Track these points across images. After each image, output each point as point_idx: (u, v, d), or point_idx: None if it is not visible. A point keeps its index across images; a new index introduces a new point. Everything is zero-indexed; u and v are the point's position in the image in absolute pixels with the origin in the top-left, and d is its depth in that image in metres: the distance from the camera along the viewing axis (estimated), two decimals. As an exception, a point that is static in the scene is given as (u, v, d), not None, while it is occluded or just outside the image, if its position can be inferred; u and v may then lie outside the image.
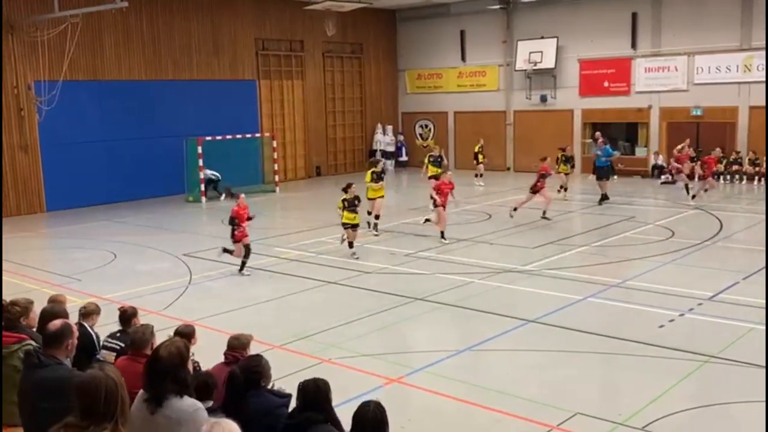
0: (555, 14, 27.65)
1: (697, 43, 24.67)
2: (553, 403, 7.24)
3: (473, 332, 9.61)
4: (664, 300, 10.71)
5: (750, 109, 24.25)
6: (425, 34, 31.42)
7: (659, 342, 8.92)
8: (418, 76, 32.24)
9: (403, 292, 11.50)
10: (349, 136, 31.21)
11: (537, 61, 27.87)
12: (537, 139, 28.97)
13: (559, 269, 12.88)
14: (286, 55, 28.20)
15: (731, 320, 9.65)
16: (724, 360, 8.30)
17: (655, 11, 25.60)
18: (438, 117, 32.07)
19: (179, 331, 6.05)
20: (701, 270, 12.67)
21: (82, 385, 3.37)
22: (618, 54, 26.50)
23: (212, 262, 14.12)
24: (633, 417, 6.90)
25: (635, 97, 26.43)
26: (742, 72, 24.09)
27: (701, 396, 7.47)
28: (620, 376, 8.27)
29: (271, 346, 8.62)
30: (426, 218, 16.34)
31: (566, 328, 9.64)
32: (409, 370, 8.25)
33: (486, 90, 30.21)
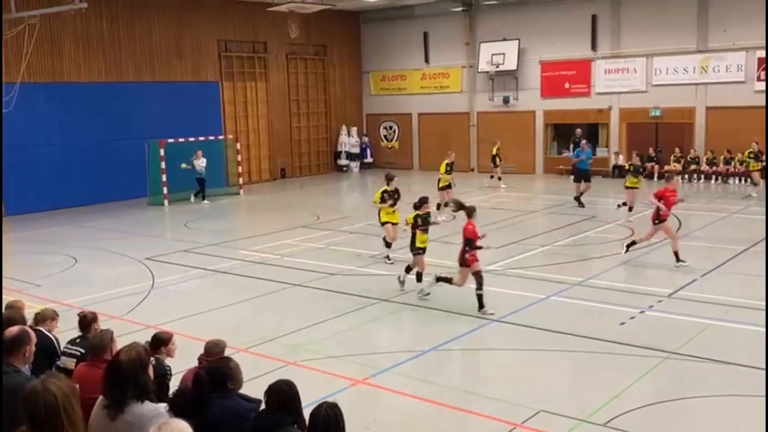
0: (517, 16, 27.94)
1: (656, 44, 25.16)
2: (517, 401, 7.32)
3: (438, 332, 9.66)
4: (625, 298, 10.90)
5: (707, 110, 24.80)
6: (389, 36, 31.51)
7: (621, 339, 9.07)
8: (383, 77, 32.31)
9: (368, 294, 11.51)
10: (314, 137, 31.13)
11: (499, 62, 28.14)
12: (500, 139, 29.24)
13: (523, 269, 13.01)
14: (249, 56, 28.03)
15: (690, 317, 9.85)
16: (683, 356, 8.47)
17: (614, 13, 26.03)
18: (402, 118, 32.17)
19: (156, 336, 5.98)
20: (661, 268, 12.91)
21: (24, 397, 3.32)
22: (578, 56, 26.89)
23: (175, 265, 13.96)
24: (596, 413, 7.00)
25: (595, 98, 26.84)
26: (699, 73, 24.63)
27: (662, 392, 7.60)
28: (583, 374, 8.38)
29: (237, 350, 8.55)
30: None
31: (530, 327, 9.75)
32: (375, 371, 8.26)
33: (449, 91, 30.40)
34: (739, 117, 23.91)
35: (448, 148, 30.61)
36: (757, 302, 10.37)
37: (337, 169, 31.78)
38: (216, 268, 13.74)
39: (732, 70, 23.98)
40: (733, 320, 9.65)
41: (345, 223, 18.34)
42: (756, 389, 7.55)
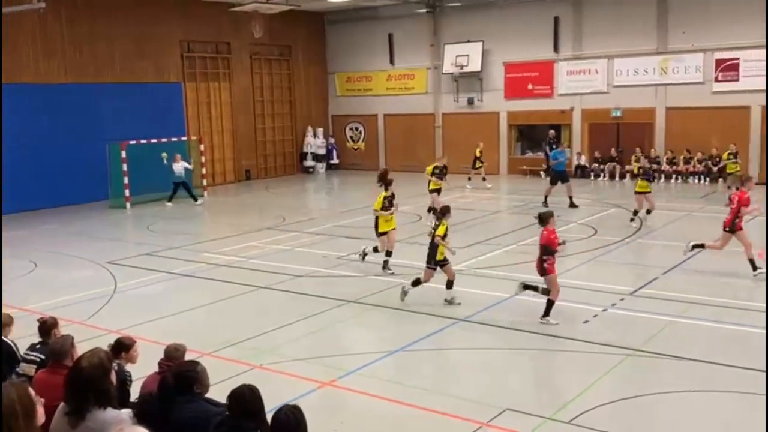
0: (480, 18, 28.15)
1: (616, 46, 25.55)
2: (484, 400, 7.37)
3: (405, 333, 9.68)
4: (588, 296, 11.04)
5: (667, 110, 25.27)
6: (354, 37, 31.49)
7: (584, 337, 9.19)
8: (348, 78, 32.28)
9: (335, 295, 11.49)
10: (279, 138, 30.97)
11: (464, 64, 28.31)
12: (465, 141, 29.43)
13: (488, 268, 13.10)
14: (212, 57, 27.78)
15: (652, 314, 10.02)
16: (646, 353, 8.61)
17: (576, 16, 26.38)
18: (368, 119, 32.19)
19: (119, 342, 5.88)
20: (623, 266, 13.12)
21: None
22: (541, 57, 27.18)
23: (138, 269, 13.76)
24: (560, 411, 7.08)
25: (558, 99, 27.16)
26: (659, 74, 25.08)
27: (625, 388, 7.72)
28: (548, 372, 8.48)
29: (201, 354, 8.46)
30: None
31: (496, 326, 9.82)
32: (342, 373, 8.25)
33: (415, 93, 30.50)
34: (698, 117, 24.43)
35: (414, 149, 30.98)
36: (716, 299, 10.60)
37: (303, 171, 31.66)
38: (180, 271, 13.58)
39: (691, 71, 24.47)
40: (694, 317, 9.84)
41: (311, 225, 18.28)
42: (715, 384, 7.71)
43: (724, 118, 23.96)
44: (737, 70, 23.69)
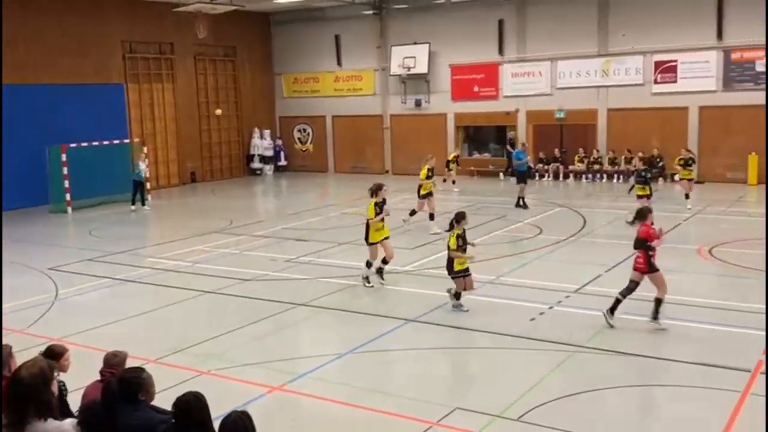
0: (427, 20, 28.34)
1: (559, 49, 26.05)
2: (434, 400, 7.41)
3: (355, 335, 9.66)
4: (534, 294, 11.21)
5: (608, 111, 25.88)
6: (300, 38, 31.34)
7: (531, 335, 9.33)
8: (295, 79, 32.11)
9: (284, 299, 11.40)
10: (225, 140, 30.60)
11: (411, 66, 28.46)
12: (413, 142, 29.63)
13: (437, 268, 13.16)
14: (155, 57, 27.29)
15: (596, 311, 10.22)
16: (591, 349, 8.79)
17: (519, 18, 26.79)
18: (316, 121, 32.07)
19: (50, 349, 5.68)
20: (568, 264, 13.37)
21: None
22: (486, 60, 27.52)
23: (80, 275, 13.40)
24: (509, 408, 7.17)
25: (503, 101, 27.54)
26: (601, 76, 25.66)
27: (571, 384, 7.85)
28: (497, 370, 8.57)
29: (146, 361, 8.29)
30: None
31: (445, 326, 9.89)
32: (292, 377, 8.19)
33: (363, 94, 30.52)
34: (639, 118, 25.10)
35: (362, 151, 31.03)
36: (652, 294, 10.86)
37: (251, 173, 31.35)
38: (124, 276, 13.28)
39: (631, 73, 25.12)
40: (636, 313, 10.07)
41: (259, 228, 18.10)
42: (659, 379, 7.92)
43: (664, 119, 24.69)
44: (675, 72, 24.41)
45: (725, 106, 23.76)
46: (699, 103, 24.19)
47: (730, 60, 23.59)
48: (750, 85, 23.39)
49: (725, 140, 23.74)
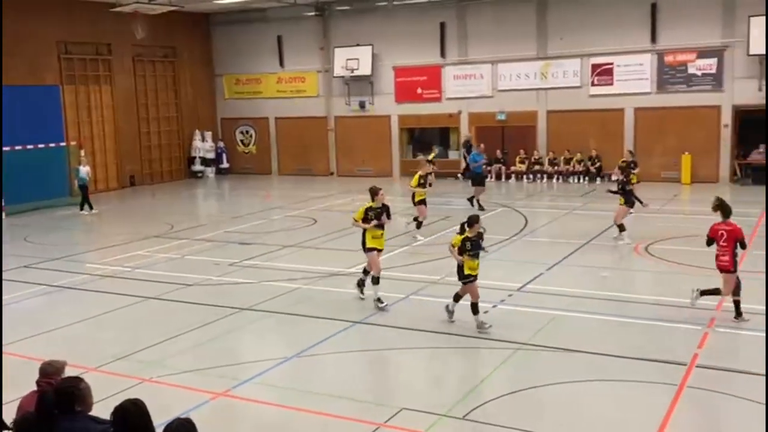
0: (369, 22, 28.40)
1: (499, 52, 26.44)
2: (380, 401, 7.43)
3: (301, 338, 9.61)
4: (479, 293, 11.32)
5: (548, 113, 26.39)
6: (242, 39, 31.00)
7: (476, 333, 9.44)
8: (236, 81, 31.75)
9: (228, 303, 11.25)
10: (165, 143, 30.03)
11: (354, 68, 28.47)
12: (358, 144, 29.70)
13: (384, 269, 13.20)
14: (92, 58, 26.61)
15: (537, 308, 10.43)
16: (533, 346, 8.95)
17: (460, 21, 27.09)
18: (259, 123, 31.78)
19: None
20: (511, 263, 13.58)
21: None
22: (429, 62, 27.73)
23: (15, 282, 12.94)
24: (455, 407, 7.24)
25: (446, 103, 27.80)
26: (540, 79, 26.16)
27: (515, 381, 7.98)
28: (442, 369, 8.65)
29: (86, 369, 8.07)
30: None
31: (391, 327, 9.93)
32: (236, 383, 8.09)
33: (306, 96, 30.38)
34: (577, 120, 25.68)
35: (307, 153, 30.85)
36: (597, 292, 11.16)
37: (192, 176, 30.84)
38: (61, 283, 12.90)
39: (569, 75, 25.68)
40: (577, 310, 10.31)
41: (201, 232, 17.83)
42: (600, 374, 8.11)
43: (601, 120, 25.33)
44: (612, 74, 25.06)
45: (659, 108, 24.53)
46: (634, 105, 24.91)
47: (663, 63, 24.36)
48: (683, 87, 24.19)
49: (660, 141, 24.49)
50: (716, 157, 24.14)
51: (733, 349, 8.68)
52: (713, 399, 7.32)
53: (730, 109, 23.81)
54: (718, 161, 24.18)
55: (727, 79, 23.58)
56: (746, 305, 9.97)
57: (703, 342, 8.80)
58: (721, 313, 9.95)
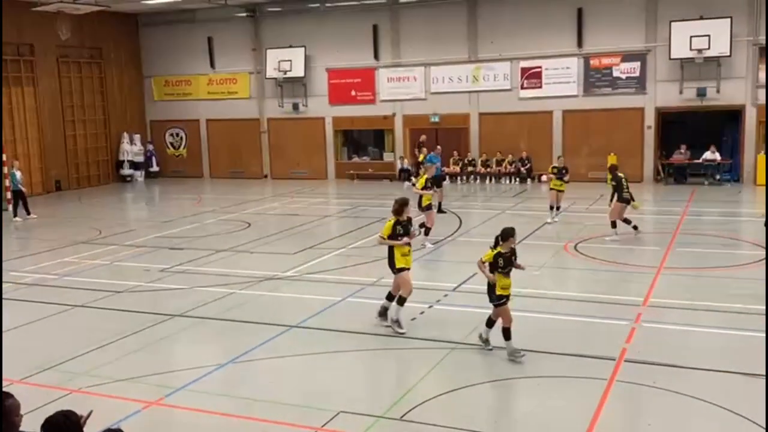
0: (302, 24, 28.28)
1: (432, 54, 26.74)
2: (318, 405, 7.39)
3: (236, 344, 9.48)
4: (414, 294, 11.33)
5: (480, 116, 26.82)
6: (171, 40, 30.41)
7: (412, 334, 9.50)
8: (166, 82, 31.11)
9: (160, 310, 11.00)
10: (92, 146, 29.19)
11: (287, 69, 28.30)
12: (292, 146, 29.53)
13: (320, 273, 13.18)
14: (13, 59, 25.63)
15: (472, 308, 10.55)
16: (468, 345, 9.06)
17: (393, 24, 27.27)
18: (190, 125, 31.23)
19: None
20: (446, 263, 13.74)
21: None
22: (363, 64, 27.81)
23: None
24: (392, 408, 7.27)
25: (380, 105, 27.94)
26: (472, 82, 26.57)
27: (450, 381, 8.07)
28: (379, 371, 8.67)
29: (11, 382, 7.77)
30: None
31: (328, 330, 9.89)
32: (170, 391, 7.91)
33: (238, 97, 30.03)
34: (508, 122, 26.21)
35: (239, 155, 30.47)
36: (529, 290, 11.38)
37: (120, 180, 30.07)
38: (-18, 293, 12.35)
39: (500, 78, 26.17)
40: (511, 308, 10.48)
41: (130, 237, 17.38)
42: (533, 371, 8.27)
43: (531, 123, 25.92)
44: (540, 77, 25.66)
45: (586, 110, 25.26)
46: (562, 107, 25.58)
47: (589, 66, 25.09)
48: (608, 90, 24.98)
49: (586, 142, 25.23)
50: (640, 157, 25.03)
51: (658, 343, 8.99)
52: (641, 392, 7.57)
53: (653, 111, 24.71)
54: (642, 161, 25.08)
55: (650, 82, 24.47)
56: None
57: (631, 337, 9.09)
58: (647, 309, 10.30)
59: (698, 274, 12.35)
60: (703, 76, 23.61)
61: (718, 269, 12.58)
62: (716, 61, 23.20)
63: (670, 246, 14.42)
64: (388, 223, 9.83)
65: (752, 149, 23.72)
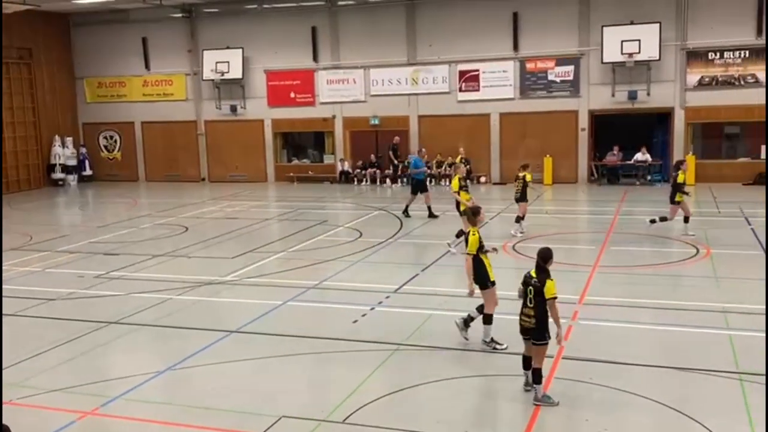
0: (239, 25, 27.96)
1: (371, 57, 26.81)
2: (259, 411, 7.31)
3: (174, 351, 9.29)
4: (356, 296, 11.44)
5: (419, 118, 27.01)
6: (104, 41, 29.64)
7: (355, 336, 9.51)
8: (99, 84, 30.32)
9: (95, 318, 10.70)
10: (22, 149, 28.20)
11: (224, 71, 27.94)
12: (230, 149, 29.16)
13: (260, 276, 13.05)
14: (-65, 59, 24.58)
15: (414, 309, 10.64)
16: (411, 346, 9.12)
17: (332, 26, 27.23)
18: (124, 127, 30.50)
19: None
20: (387, 265, 13.78)
21: None
22: (302, 66, 27.68)
23: None
24: (335, 412, 7.25)
25: (320, 107, 27.85)
26: (411, 84, 26.75)
27: (394, 382, 8.09)
28: (322, 374, 8.63)
29: (-66, 397, 7.43)
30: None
31: (269, 334, 9.80)
32: (106, 400, 7.71)
33: (174, 99, 29.49)
34: (447, 124, 26.47)
35: (175, 158, 29.93)
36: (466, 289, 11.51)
37: (52, 184, 29.14)
38: None
39: (438, 81, 26.43)
40: (451, 309, 10.60)
41: (63, 243, 16.85)
42: (475, 369, 8.37)
43: (469, 125, 26.26)
44: (478, 80, 26.02)
45: (522, 113, 25.73)
46: (499, 110, 26.00)
47: (525, 69, 25.57)
48: (543, 93, 25.50)
49: (523, 144, 25.69)
50: (575, 159, 25.64)
51: (595, 340, 9.22)
52: (579, 388, 7.74)
53: (587, 113, 25.35)
54: (577, 163, 25.69)
55: (584, 86, 25.09)
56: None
57: (568, 334, 9.30)
58: (583, 307, 10.55)
59: (631, 272, 12.73)
60: (634, 80, 24.35)
61: (650, 267, 12.99)
62: (646, 64, 23.96)
63: (605, 245, 14.82)
64: (473, 239, 9.03)
65: (681, 150, 24.58)
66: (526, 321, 7.39)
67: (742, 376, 7.75)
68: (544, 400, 7.25)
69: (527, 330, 7.39)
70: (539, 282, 7.26)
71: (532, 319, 7.30)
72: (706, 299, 10.74)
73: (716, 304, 10.45)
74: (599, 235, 16.01)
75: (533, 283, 7.30)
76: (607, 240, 15.38)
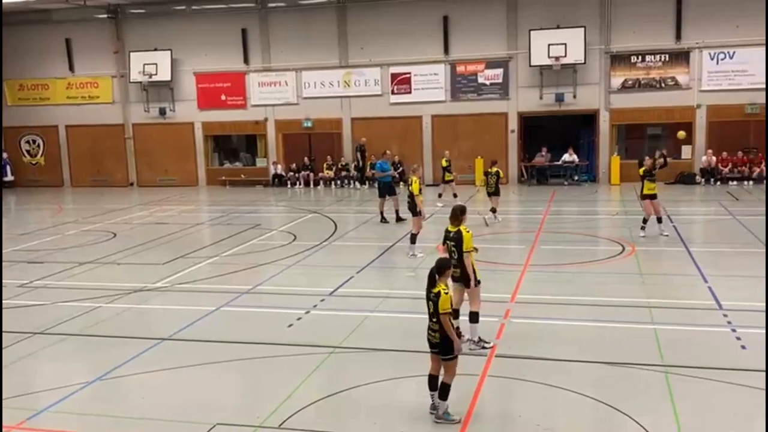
0: (167, 26, 27.42)
1: (303, 59, 26.72)
2: (193, 419, 7.17)
3: (103, 360, 9.02)
4: (291, 300, 11.36)
5: (352, 120, 27.06)
6: (25, 41, 28.59)
7: (289, 341, 9.43)
8: (20, 86, 29.24)
9: (18, 328, 10.28)
10: (-64, 155, 26.91)
11: (152, 73, 27.35)
12: (159, 152, 28.58)
13: (191, 282, 12.81)
14: None
15: (349, 311, 10.63)
16: (347, 348, 9.11)
17: (263, 28, 27.00)
18: (47, 131, 29.52)
19: None
20: (322, 268, 13.73)
21: None
22: (232, 68, 27.35)
23: None
24: (270, 417, 7.18)
25: (252, 110, 27.58)
26: (343, 87, 26.76)
27: (330, 385, 8.07)
28: (256, 380, 8.53)
29: None
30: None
31: (201, 341, 9.63)
32: (31, 413, 7.42)
33: (100, 102, 28.71)
34: (380, 126, 26.60)
35: (102, 162, 29.15)
36: (403, 291, 11.61)
37: (-30, 191, 27.90)
38: None
39: (370, 84, 26.54)
40: (386, 310, 10.66)
41: None
42: (410, 370, 8.43)
43: (402, 127, 26.45)
44: (410, 83, 26.24)
45: (454, 115, 26.09)
46: (431, 112, 26.30)
47: (456, 72, 25.93)
48: (474, 95, 25.92)
49: (455, 146, 26.03)
50: (505, 159, 26.14)
51: (527, 337, 9.40)
52: (513, 386, 7.89)
53: (516, 115, 25.89)
54: (507, 164, 26.20)
55: (513, 88, 25.63)
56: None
57: (500, 333, 9.46)
58: (515, 305, 10.76)
59: (561, 270, 13.05)
60: (560, 82, 25.01)
61: (578, 264, 13.35)
62: (572, 67, 24.65)
63: (535, 244, 15.15)
64: (468, 235, 8.93)
65: (606, 151, 25.37)
66: (432, 335, 7.00)
67: (668, 369, 8.05)
68: (446, 418, 6.91)
69: (434, 345, 7.02)
70: (436, 296, 6.90)
71: (437, 333, 6.93)
72: (632, 295, 11.11)
73: (641, 299, 10.82)
74: (530, 234, 16.36)
75: (431, 298, 6.96)
76: (537, 239, 15.74)
